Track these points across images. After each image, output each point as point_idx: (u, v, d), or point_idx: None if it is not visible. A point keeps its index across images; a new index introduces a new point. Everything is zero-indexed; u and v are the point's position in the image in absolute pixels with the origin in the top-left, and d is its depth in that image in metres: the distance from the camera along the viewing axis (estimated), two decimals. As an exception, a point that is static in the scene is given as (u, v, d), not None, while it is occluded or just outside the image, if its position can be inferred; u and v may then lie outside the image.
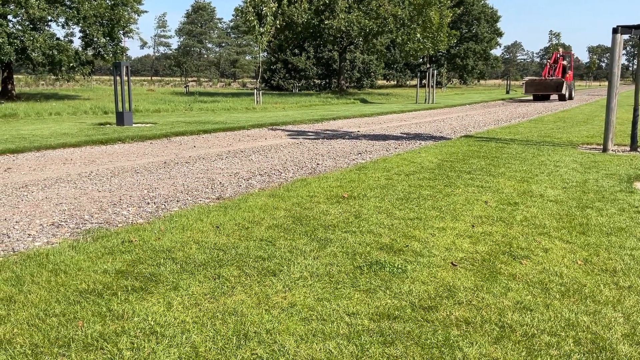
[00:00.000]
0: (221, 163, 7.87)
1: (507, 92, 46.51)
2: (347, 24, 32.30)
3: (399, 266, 3.39)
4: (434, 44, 32.74)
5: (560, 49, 34.36)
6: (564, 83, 29.32)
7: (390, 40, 36.65)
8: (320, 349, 2.40)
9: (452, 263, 3.48)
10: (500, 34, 71.92)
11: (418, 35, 31.47)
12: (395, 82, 72.43)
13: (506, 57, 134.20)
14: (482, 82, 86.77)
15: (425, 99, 29.11)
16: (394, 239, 3.96)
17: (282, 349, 2.39)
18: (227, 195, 5.66)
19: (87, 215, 4.79)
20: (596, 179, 6.31)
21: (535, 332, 2.58)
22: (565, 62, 33.29)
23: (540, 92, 30.36)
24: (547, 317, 2.73)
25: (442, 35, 32.25)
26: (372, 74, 51.75)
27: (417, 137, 11.45)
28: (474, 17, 66.90)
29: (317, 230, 4.17)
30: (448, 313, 2.75)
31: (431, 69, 31.74)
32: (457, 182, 6.05)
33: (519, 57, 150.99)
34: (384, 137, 11.33)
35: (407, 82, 70.56)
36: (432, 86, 29.28)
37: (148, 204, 5.26)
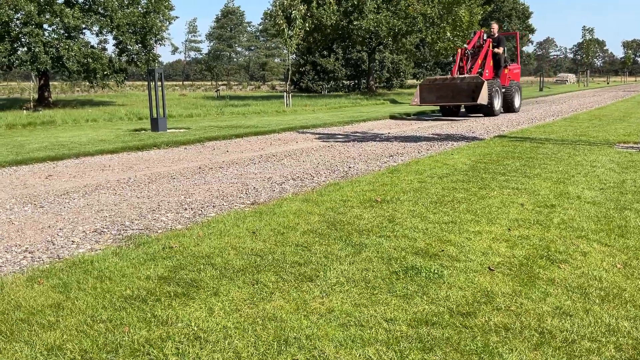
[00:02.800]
0: (254, 167, 7.97)
1: (541, 89, 45.75)
2: (375, 24, 32.24)
3: (435, 271, 3.41)
4: (465, 42, 32.42)
5: (495, 26, 19.30)
6: (484, 85, 16.25)
7: (420, 39, 36.42)
8: (359, 355, 2.43)
9: (489, 268, 3.47)
10: (532, 31, 70.76)
11: (448, 34, 31.20)
12: (425, 82, 71.81)
13: (539, 53, 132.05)
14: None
15: (456, 99, 28.81)
16: (429, 243, 3.97)
17: (322, 355, 2.44)
18: (261, 200, 5.73)
19: (128, 221, 4.92)
20: (634, 180, 6.19)
21: (576, 337, 2.57)
22: (499, 49, 18.52)
23: (445, 101, 17.32)
24: (587, 323, 2.71)
25: (472, 33, 31.92)
26: (401, 73, 51.48)
27: (449, 137, 11.38)
28: (505, 14, 65.98)
29: (351, 235, 4.20)
30: (487, 319, 2.76)
31: (462, 68, 31.42)
32: (491, 184, 6.01)
33: (552, 53, 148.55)
34: (415, 139, 11.29)
35: (437, 81, 69.88)
36: (463, 85, 28.94)
37: (185, 209, 5.37)
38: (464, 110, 19.61)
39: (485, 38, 18.95)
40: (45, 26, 24.88)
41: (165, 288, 3.19)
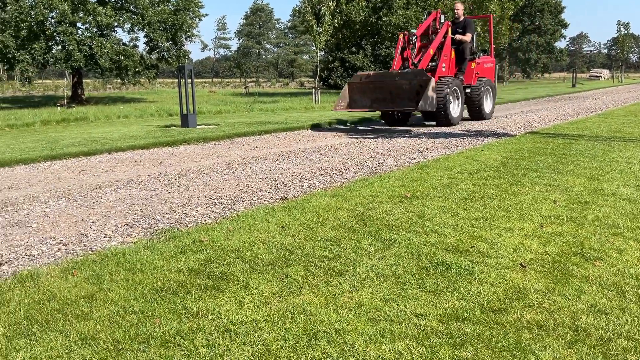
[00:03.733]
0: (283, 163, 7.99)
1: (574, 86, 44.84)
2: (405, 20, 32.02)
3: (466, 267, 3.36)
4: (495, 38, 32.00)
5: (460, 6, 14.46)
6: (430, 84, 11.71)
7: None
8: (389, 350, 2.42)
9: (521, 264, 3.41)
10: (564, 26, 69.49)
11: (478, 29, 30.81)
12: (455, 78, 71.16)
13: (571, 49, 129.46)
14: (546, 75, 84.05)
15: (486, 95, 28.45)
16: (460, 239, 3.92)
17: (351, 349, 2.43)
18: (290, 195, 5.75)
19: (159, 215, 4.98)
20: (673, 176, 6.01)
21: (611, 336, 2.51)
22: (465, 37, 13.81)
23: (383, 105, 12.78)
24: (623, 321, 2.65)
25: (503, 28, 31.50)
26: (430, 70, 51.04)
27: (479, 134, 11.24)
28: (537, 9, 64.89)
29: (381, 231, 4.18)
30: (519, 316, 2.71)
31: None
32: (523, 181, 5.91)
33: (585, 49, 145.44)
34: (445, 135, 11.18)
35: (467, 78, 69.19)
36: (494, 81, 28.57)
37: (215, 204, 5.41)
38: (420, 114, 14.59)
39: (442, 21, 13.91)
40: (79, 24, 25.38)
41: (196, 281, 3.23)
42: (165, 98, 31.67)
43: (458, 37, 13.86)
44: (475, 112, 14.44)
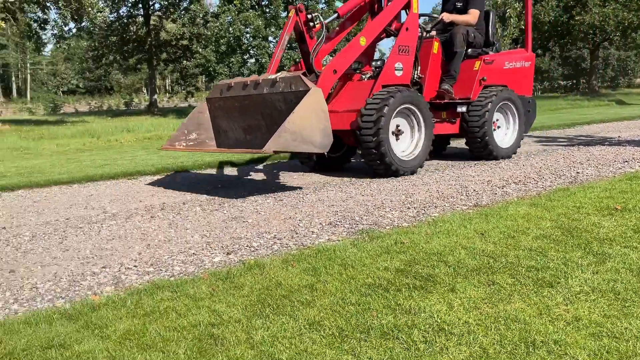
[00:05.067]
0: (471, 170, 7.87)
1: None
2: (601, 18, 29.51)
3: (699, 288, 3.06)
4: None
5: None
6: (308, 101, 5.85)
7: (654, 33, 32.47)
8: (617, 367, 2.31)
9: None
10: None
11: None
12: (658, 80, 63.72)
13: None
14: None
15: (700, 99, 25.08)
16: (687, 257, 3.57)
17: (574, 362, 2.36)
18: (483, 202, 5.66)
19: (357, 216, 5.24)
20: None
21: None
22: (465, 16, 8.26)
23: (252, 139, 7.02)
24: None
25: None
26: (629, 72, 46.42)
27: (696, 143, 9.99)
28: None
29: (591, 244, 3.95)
30: None
31: None
32: None
33: None
34: (653, 143, 10.11)
35: (674, 79, 61.59)
36: None
37: (408, 208, 5.53)
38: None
39: None
40: (270, 38, 27.43)
41: (403, 280, 3.36)
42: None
43: (448, 16, 8.33)
44: (477, 146, 8.69)
